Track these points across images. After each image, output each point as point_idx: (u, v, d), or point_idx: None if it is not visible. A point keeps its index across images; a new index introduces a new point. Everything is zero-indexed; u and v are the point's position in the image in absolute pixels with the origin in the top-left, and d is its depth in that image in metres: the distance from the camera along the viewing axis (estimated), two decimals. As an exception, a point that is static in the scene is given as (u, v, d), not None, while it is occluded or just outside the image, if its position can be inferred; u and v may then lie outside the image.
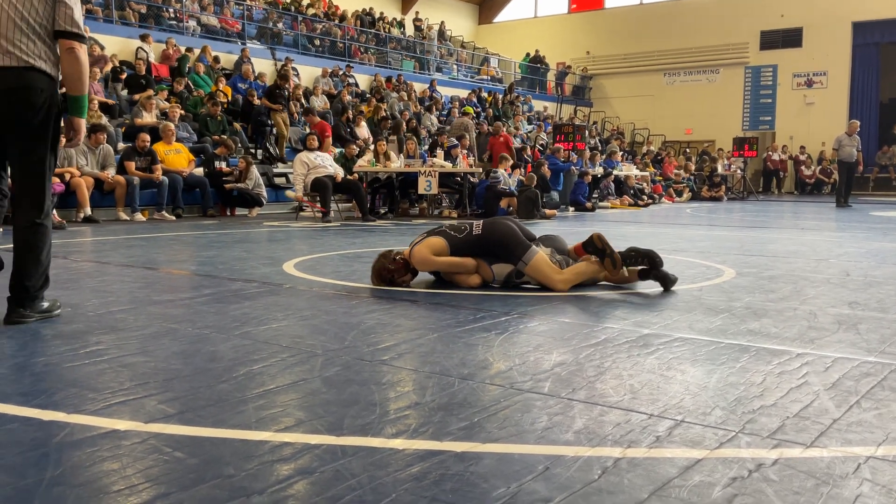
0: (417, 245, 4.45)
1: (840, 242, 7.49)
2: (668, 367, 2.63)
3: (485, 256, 4.44)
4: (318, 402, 2.21)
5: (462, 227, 4.53)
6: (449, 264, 4.44)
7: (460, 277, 4.47)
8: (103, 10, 16.28)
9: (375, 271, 4.47)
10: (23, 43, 3.29)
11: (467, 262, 4.43)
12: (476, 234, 4.44)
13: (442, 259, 4.42)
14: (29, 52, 3.30)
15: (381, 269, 4.45)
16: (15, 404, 2.17)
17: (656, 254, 4.40)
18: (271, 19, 19.92)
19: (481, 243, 4.42)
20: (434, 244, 4.42)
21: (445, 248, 4.41)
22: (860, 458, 1.80)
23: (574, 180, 14.34)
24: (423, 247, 4.43)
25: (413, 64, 23.62)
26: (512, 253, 4.36)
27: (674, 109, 27.17)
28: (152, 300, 3.95)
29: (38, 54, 3.32)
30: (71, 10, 3.34)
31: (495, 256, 4.43)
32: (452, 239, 4.43)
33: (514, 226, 4.48)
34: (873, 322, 3.44)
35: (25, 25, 3.29)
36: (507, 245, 4.37)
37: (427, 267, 4.47)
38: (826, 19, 24.36)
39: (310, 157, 10.72)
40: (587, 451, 1.84)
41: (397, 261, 4.44)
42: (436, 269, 4.51)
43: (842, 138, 15.50)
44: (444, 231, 4.51)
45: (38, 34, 3.33)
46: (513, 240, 4.38)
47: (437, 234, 4.50)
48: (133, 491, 1.59)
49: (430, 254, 4.40)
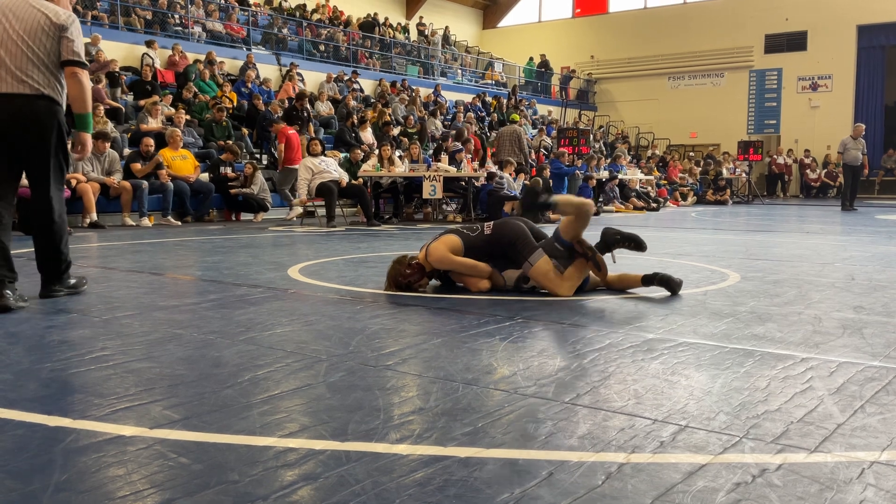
0: (433, 244, 4.46)
1: (845, 246, 7.48)
2: (673, 372, 2.63)
3: (495, 258, 4.46)
4: (322, 407, 2.22)
5: (474, 226, 4.58)
6: (465, 265, 4.44)
7: (470, 281, 4.48)
8: (109, 16, 16.35)
9: (391, 278, 4.47)
10: (34, 73, 3.93)
11: (483, 267, 4.44)
12: (487, 233, 4.47)
13: (459, 259, 4.43)
14: (39, 82, 3.95)
15: (397, 276, 4.45)
16: (21, 410, 2.18)
17: (639, 237, 4.42)
18: (276, 25, 19.99)
19: (492, 243, 4.45)
20: (451, 241, 4.45)
21: (461, 247, 4.44)
22: (864, 463, 1.80)
23: (579, 184, 14.34)
24: (440, 244, 4.45)
25: (417, 69, 23.66)
26: (519, 253, 4.37)
27: (678, 113, 27.15)
28: (158, 305, 3.97)
29: (45, 83, 3.97)
30: (72, 43, 3.99)
31: (504, 258, 4.45)
32: (466, 237, 4.46)
33: (523, 226, 4.49)
34: (878, 326, 3.44)
35: (36, 59, 3.93)
36: (516, 245, 4.38)
37: (445, 265, 4.46)
38: (831, 22, 24.34)
39: (314, 162, 10.75)
40: (591, 456, 1.84)
41: (413, 265, 4.45)
42: (452, 268, 4.51)
43: (847, 142, 15.48)
44: (458, 230, 4.54)
45: (47, 66, 3.97)
46: (521, 240, 4.39)
47: (452, 232, 4.53)
48: (138, 496, 1.60)
49: (447, 251, 4.42)
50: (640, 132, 27.45)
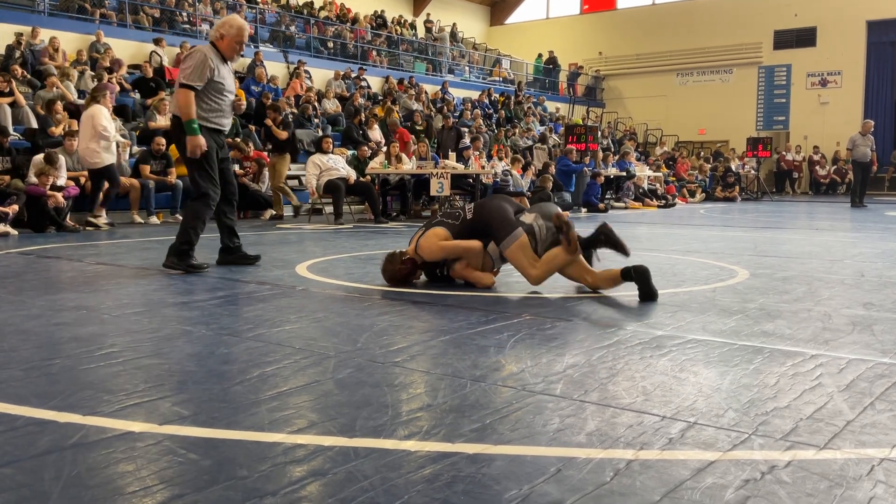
0: (422, 238, 4.53)
1: (855, 243, 7.44)
2: (681, 369, 2.62)
3: (482, 238, 4.52)
4: (330, 403, 2.22)
5: (455, 213, 4.61)
6: (457, 248, 4.49)
7: (475, 276, 4.49)
8: (117, 14, 16.40)
9: (388, 275, 4.57)
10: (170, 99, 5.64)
11: (474, 245, 4.48)
12: (469, 218, 4.52)
13: (450, 243, 4.49)
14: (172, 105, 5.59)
15: (393, 273, 4.54)
16: (31, 406, 2.19)
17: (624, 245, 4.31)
18: (284, 22, 20.00)
19: (475, 226, 4.50)
20: (438, 232, 4.52)
21: (448, 237, 4.50)
22: (874, 460, 1.79)
23: (587, 181, 14.32)
24: (429, 236, 4.51)
25: (425, 66, 23.64)
26: (497, 233, 4.41)
27: (687, 110, 27.04)
28: (167, 302, 3.98)
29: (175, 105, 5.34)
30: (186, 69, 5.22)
31: (488, 238, 4.50)
32: (451, 227, 4.53)
33: (503, 205, 4.54)
34: (888, 323, 3.42)
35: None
36: (494, 225, 4.43)
37: (437, 254, 4.52)
38: (840, 18, 24.19)
39: (322, 159, 10.76)
40: (599, 453, 1.84)
41: (405, 261, 4.54)
42: (445, 256, 4.55)
43: (856, 138, 15.39)
44: (441, 221, 4.61)
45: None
46: (499, 219, 4.43)
47: (436, 224, 4.60)
48: (148, 492, 1.61)
49: (437, 241, 4.48)
50: (648, 129, 27.36)
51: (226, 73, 5.39)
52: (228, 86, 5.39)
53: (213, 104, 5.33)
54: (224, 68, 5.37)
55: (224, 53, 5.38)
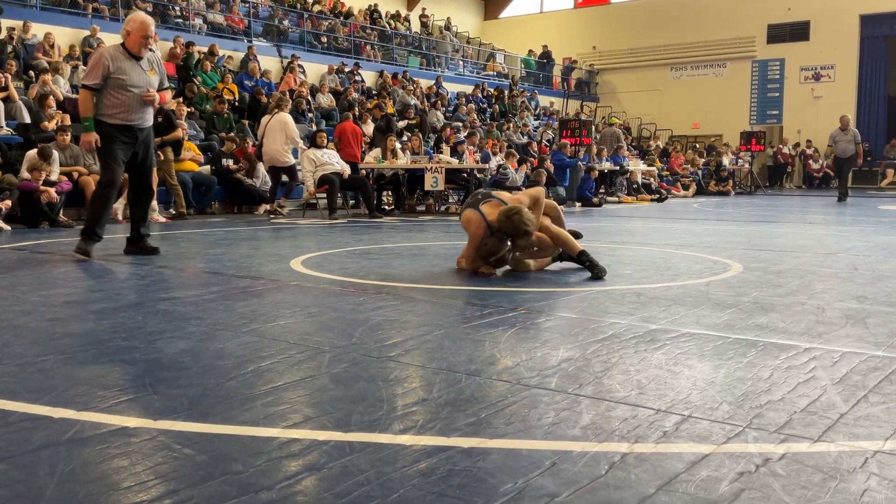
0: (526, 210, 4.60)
1: (848, 237, 7.46)
2: (675, 363, 2.63)
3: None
4: (325, 398, 2.22)
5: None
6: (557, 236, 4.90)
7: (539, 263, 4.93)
8: (110, 8, 16.32)
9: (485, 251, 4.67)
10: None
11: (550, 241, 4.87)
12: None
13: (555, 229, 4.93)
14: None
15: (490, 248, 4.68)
16: (25, 402, 2.19)
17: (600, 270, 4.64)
18: (277, 17, 19.93)
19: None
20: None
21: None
22: (867, 453, 1.80)
23: (581, 176, 14.33)
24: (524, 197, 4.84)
25: (419, 60, 23.60)
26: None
27: (681, 104, 27.08)
28: (161, 297, 3.97)
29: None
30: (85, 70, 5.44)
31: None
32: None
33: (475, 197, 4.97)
34: (881, 316, 3.43)
35: None
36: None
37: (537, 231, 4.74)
38: (833, 12, 24.23)
39: (317, 154, 10.74)
40: (594, 446, 1.84)
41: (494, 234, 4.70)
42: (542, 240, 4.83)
43: (835, 134, 15.42)
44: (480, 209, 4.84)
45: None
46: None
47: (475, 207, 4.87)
48: (142, 487, 1.61)
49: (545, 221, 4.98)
50: (642, 123, 27.39)
51: (129, 69, 5.55)
52: (134, 81, 5.55)
53: (115, 100, 5.53)
54: (128, 64, 5.55)
55: (131, 50, 5.59)
